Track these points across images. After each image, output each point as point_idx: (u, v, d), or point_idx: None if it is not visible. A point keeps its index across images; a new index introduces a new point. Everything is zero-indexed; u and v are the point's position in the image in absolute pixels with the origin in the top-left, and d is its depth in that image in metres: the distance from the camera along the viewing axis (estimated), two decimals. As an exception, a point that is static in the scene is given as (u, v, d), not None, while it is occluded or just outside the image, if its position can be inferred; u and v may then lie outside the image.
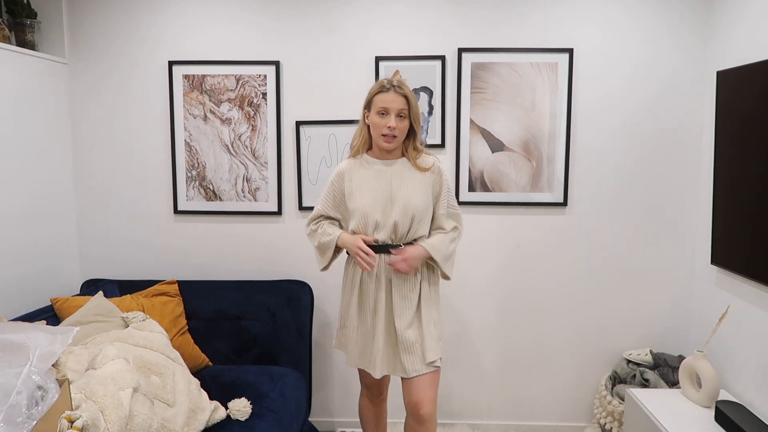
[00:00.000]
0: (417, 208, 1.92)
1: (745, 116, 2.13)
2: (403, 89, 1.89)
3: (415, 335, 1.94)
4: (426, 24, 2.58)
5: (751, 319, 2.17)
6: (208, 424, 1.91)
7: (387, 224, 1.93)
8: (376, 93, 1.91)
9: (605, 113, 2.59)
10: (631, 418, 2.27)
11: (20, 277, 2.35)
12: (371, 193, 1.94)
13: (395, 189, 1.94)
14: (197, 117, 2.66)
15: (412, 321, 1.95)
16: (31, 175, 2.43)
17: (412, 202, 1.92)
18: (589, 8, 2.55)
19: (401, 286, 1.95)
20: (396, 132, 1.89)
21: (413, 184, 1.95)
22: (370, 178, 1.96)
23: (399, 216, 1.91)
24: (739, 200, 2.18)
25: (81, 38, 2.64)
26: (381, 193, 1.94)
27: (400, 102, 1.88)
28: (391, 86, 1.89)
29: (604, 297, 2.68)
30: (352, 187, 1.98)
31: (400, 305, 1.94)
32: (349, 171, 2.01)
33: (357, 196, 1.96)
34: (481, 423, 2.77)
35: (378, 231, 1.94)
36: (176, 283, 2.54)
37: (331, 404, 2.80)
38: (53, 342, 1.36)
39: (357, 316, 2.00)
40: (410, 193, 1.93)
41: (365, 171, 1.98)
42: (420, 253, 1.93)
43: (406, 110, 1.89)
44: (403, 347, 1.93)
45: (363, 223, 1.94)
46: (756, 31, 2.17)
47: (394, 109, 1.87)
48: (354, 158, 2.04)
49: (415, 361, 1.93)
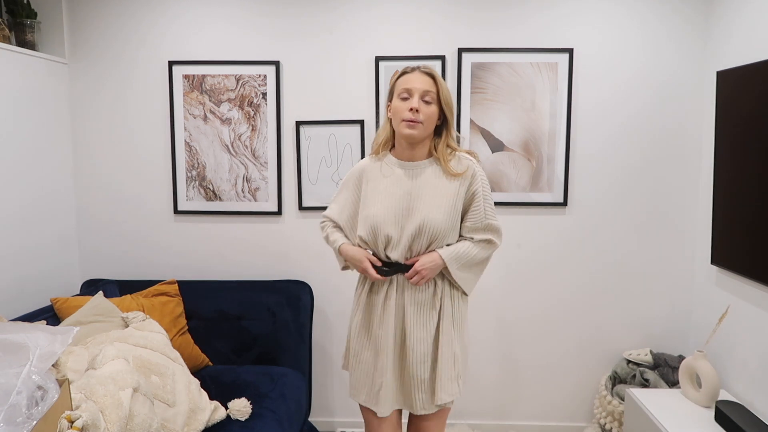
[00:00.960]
0: (437, 227, 1.61)
1: (746, 116, 2.13)
2: (430, 70, 1.62)
3: (429, 372, 1.67)
4: (426, 24, 2.58)
5: (751, 319, 2.17)
6: (208, 424, 1.91)
7: (401, 242, 1.64)
8: (399, 76, 1.64)
9: (605, 113, 2.59)
10: (631, 418, 2.27)
11: (20, 277, 2.35)
12: (386, 200, 1.65)
13: (414, 199, 1.63)
14: (197, 117, 2.66)
15: (427, 355, 1.67)
16: (31, 175, 2.43)
17: (431, 219, 1.61)
18: (589, 8, 2.55)
19: (417, 312, 1.66)
20: (420, 117, 1.57)
21: (438, 194, 1.63)
22: (387, 183, 1.67)
23: (413, 233, 1.62)
24: (739, 200, 2.18)
25: (81, 38, 2.64)
26: (397, 203, 1.64)
27: (426, 82, 1.59)
28: (416, 68, 1.62)
29: (604, 297, 2.68)
30: (368, 190, 1.70)
31: (415, 336, 1.65)
32: (369, 171, 1.73)
33: (370, 203, 1.68)
34: (481, 423, 2.77)
35: (390, 248, 1.66)
36: (176, 283, 2.53)
37: (331, 404, 2.80)
38: (53, 342, 1.36)
39: (361, 339, 1.75)
40: (432, 206, 1.62)
41: (383, 173, 1.69)
42: (434, 262, 1.62)
43: (433, 93, 1.59)
44: (414, 383, 1.67)
45: (372, 235, 1.66)
46: (756, 31, 2.17)
47: (417, 89, 1.58)
48: (374, 156, 1.76)
49: (425, 400, 1.68)
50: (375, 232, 1.66)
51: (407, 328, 1.66)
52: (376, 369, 1.70)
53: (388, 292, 1.68)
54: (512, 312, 2.72)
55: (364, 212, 1.69)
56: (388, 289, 1.68)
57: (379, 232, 1.65)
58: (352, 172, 1.79)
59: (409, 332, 1.66)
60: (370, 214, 1.66)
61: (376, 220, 1.65)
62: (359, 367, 1.76)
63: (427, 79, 1.59)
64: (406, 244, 1.64)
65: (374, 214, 1.65)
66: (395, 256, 1.66)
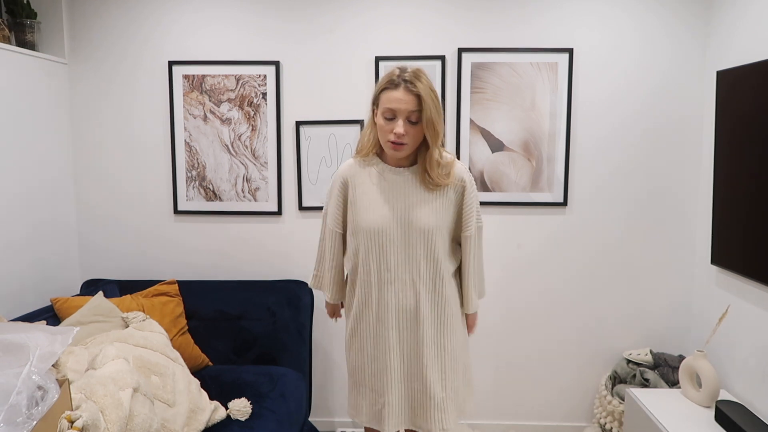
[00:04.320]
0: (430, 228, 1.60)
1: (745, 116, 2.13)
2: (416, 86, 1.51)
3: (442, 387, 1.66)
4: (426, 24, 2.58)
5: (751, 319, 2.17)
6: (208, 424, 1.91)
7: (397, 244, 1.60)
8: (383, 89, 1.55)
9: (605, 113, 2.59)
10: (631, 418, 2.27)
11: (20, 277, 2.35)
12: (380, 207, 1.61)
13: (407, 203, 1.62)
14: (197, 117, 2.66)
15: (443, 372, 1.67)
16: (31, 176, 2.43)
17: (425, 222, 1.60)
18: (589, 8, 2.55)
19: (430, 327, 1.66)
20: (405, 139, 1.53)
21: (428, 198, 1.62)
22: (378, 189, 1.62)
23: (409, 235, 1.60)
24: (740, 200, 2.18)
25: (81, 38, 2.64)
26: (390, 208, 1.60)
27: (411, 103, 1.50)
28: (402, 81, 1.52)
29: (604, 297, 2.68)
30: (357, 195, 1.64)
31: (430, 353, 1.65)
32: (355, 176, 1.66)
33: (363, 209, 1.62)
34: (481, 423, 2.77)
35: (387, 253, 1.62)
36: (176, 283, 2.53)
37: (331, 404, 2.80)
38: (53, 342, 1.36)
39: (366, 350, 1.72)
40: (424, 209, 1.61)
41: (372, 179, 1.65)
42: (475, 321, 1.84)
43: (417, 113, 1.51)
44: (433, 403, 1.64)
45: (370, 241, 1.61)
46: (756, 31, 2.17)
47: (402, 111, 1.51)
48: (359, 159, 1.69)
49: (446, 419, 1.65)
50: (373, 238, 1.62)
51: (425, 343, 1.66)
52: (391, 384, 1.70)
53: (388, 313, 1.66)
54: (512, 312, 2.72)
55: (357, 219, 1.64)
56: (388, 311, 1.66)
57: (376, 237, 1.62)
58: (334, 180, 1.74)
59: (425, 346, 1.66)
60: (366, 219, 1.62)
61: (373, 226, 1.61)
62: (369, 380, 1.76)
63: (413, 98, 1.50)
64: (402, 245, 1.62)
65: (372, 220, 1.61)
66: (393, 262, 1.62)
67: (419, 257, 1.61)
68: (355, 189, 1.66)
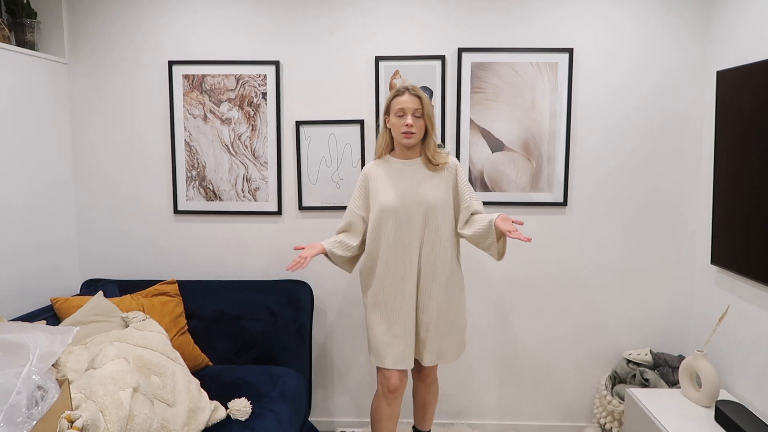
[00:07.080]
0: (435, 202, 2.13)
1: (745, 116, 2.13)
2: (416, 92, 2.11)
3: (447, 324, 2.19)
4: (426, 24, 2.58)
5: (751, 319, 2.17)
6: (208, 424, 1.91)
7: (411, 216, 2.11)
8: (393, 97, 2.12)
9: (605, 113, 2.59)
10: (631, 418, 2.27)
11: (20, 277, 2.35)
12: (394, 189, 2.14)
13: (415, 184, 2.14)
14: (197, 117, 2.66)
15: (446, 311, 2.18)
16: (31, 175, 2.43)
17: (431, 196, 2.13)
18: (589, 8, 2.55)
19: (433, 275, 2.14)
20: (414, 129, 2.09)
21: (432, 179, 2.16)
22: (392, 176, 2.17)
23: (418, 208, 2.12)
24: (739, 200, 2.18)
25: (81, 38, 2.64)
26: (403, 189, 2.13)
27: (415, 102, 2.09)
28: (406, 90, 2.11)
29: (604, 297, 2.68)
30: (377, 185, 2.17)
31: (434, 292, 2.14)
32: (374, 170, 2.21)
33: (381, 193, 2.15)
34: (481, 423, 2.77)
35: (400, 223, 2.11)
36: (176, 283, 2.54)
37: (331, 404, 2.80)
38: (53, 342, 1.36)
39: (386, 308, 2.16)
40: (429, 188, 2.14)
41: (388, 169, 2.19)
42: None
43: (420, 110, 2.09)
44: (438, 334, 2.16)
45: (387, 215, 2.12)
46: (756, 31, 2.17)
47: (410, 109, 2.08)
48: (378, 161, 2.24)
49: (452, 349, 2.22)
50: (390, 211, 2.12)
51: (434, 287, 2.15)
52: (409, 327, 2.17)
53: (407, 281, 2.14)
54: (512, 312, 2.72)
55: (377, 200, 2.15)
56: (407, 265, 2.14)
57: (393, 211, 2.12)
58: (360, 177, 2.25)
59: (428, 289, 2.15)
60: (383, 200, 2.14)
61: (389, 203, 2.12)
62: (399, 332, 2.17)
63: (416, 99, 2.09)
64: (413, 215, 2.11)
65: (387, 199, 2.13)
66: (406, 232, 2.11)
67: (424, 224, 2.13)
68: (375, 180, 2.19)
